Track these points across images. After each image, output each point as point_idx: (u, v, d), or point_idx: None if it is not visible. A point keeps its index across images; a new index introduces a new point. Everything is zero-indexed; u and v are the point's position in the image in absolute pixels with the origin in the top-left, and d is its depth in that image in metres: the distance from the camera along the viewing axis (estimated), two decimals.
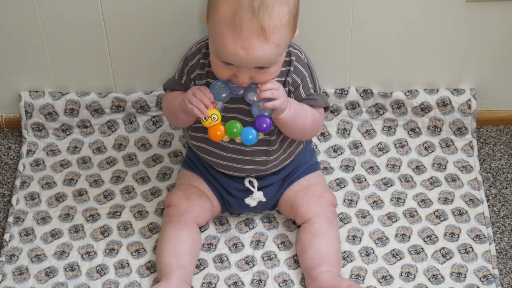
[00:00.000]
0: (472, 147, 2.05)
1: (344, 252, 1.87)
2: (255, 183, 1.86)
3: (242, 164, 1.84)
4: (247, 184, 1.87)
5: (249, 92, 1.71)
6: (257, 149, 1.82)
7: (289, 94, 1.78)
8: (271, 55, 1.65)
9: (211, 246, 1.89)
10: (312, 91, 1.81)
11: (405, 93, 2.07)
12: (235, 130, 1.71)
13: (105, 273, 1.85)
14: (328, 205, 1.87)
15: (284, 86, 1.77)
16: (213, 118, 1.70)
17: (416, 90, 2.07)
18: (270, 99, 1.69)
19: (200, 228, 1.89)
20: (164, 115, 2.07)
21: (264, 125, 1.71)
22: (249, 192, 1.87)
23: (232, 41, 1.62)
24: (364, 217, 1.93)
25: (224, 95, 1.71)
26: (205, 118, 1.70)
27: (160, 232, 1.86)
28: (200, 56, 1.79)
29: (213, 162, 1.87)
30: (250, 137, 1.71)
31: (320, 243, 1.81)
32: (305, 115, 1.78)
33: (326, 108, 1.85)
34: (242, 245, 1.89)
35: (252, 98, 1.71)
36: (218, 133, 1.71)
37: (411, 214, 1.93)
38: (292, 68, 1.78)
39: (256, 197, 1.86)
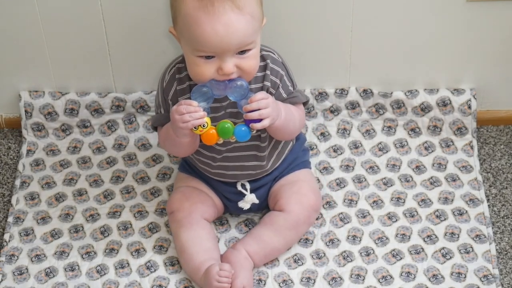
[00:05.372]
0: (472, 147, 2.05)
1: (344, 251, 1.87)
2: (248, 186, 1.87)
3: (232, 171, 1.84)
4: (239, 187, 1.86)
5: (233, 91, 1.68)
6: (247, 154, 1.82)
7: None
8: (249, 28, 1.64)
9: None
10: (291, 88, 1.81)
11: (405, 93, 2.07)
12: (227, 130, 1.69)
13: (105, 273, 1.85)
14: (307, 207, 1.85)
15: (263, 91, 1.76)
16: (203, 125, 1.68)
17: (416, 90, 2.07)
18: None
19: None
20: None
21: (255, 121, 1.68)
22: (243, 195, 1.87)
23: (208, 22, 1.61)
24: (364, 217, 1.93)
25: (207, 98, 1.68)
26: (195, 128, 1.68)
27: (176, 240, 1.84)
28: (176, 83, 1.78)
29: (203, 169, 1.87)
30: (244, 133, 1.69)
31: (267, 237, 1.82)
32: (294, 117, 1.78)
33: (305, 103, 1.85)
34: None
35: (235, 95, 1.68)
36: (213, 136, 1.69)
37: (411, 214, 1.93)
38: (268, 72, 1.77)
39: (249, 200, 1.86)
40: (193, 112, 1.66)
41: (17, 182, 2.01)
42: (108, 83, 2.08)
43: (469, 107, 2.05)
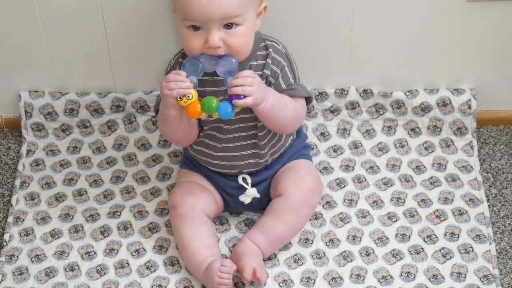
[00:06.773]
0: (472, 147, 2.05)
1: (344, 251, 1.87)
2: (249, 180, 1.87)
3: (233, 161, 1.85)
4: (240, 181, 1.87)
5: (221, 66, 1.71)
6: (247, 143, 1.83)
7: (269, 86, 1.79)
8: (234, 1, 1.66)
9: None
10: (292, 81, 1.81)
11: (405, 93, 2.07)
12: (212, 105, 1.70)
13: (105, 273, 1.85)
14: (304, 189, 1.85)
15: (262, 79, 1.77)
16: (188, 97, 1.69)
17: (416, 90, 2.07)
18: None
19: None
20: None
21: (239, 98, 1.70)
22: (243, 190, 1.87)
23: None
24: (364, 217, 1.93)
25: (197, 71, 1.71)
26: (180, 98, 1.70)
27: (177, 235, 1.85)
28: (178, 67, 1.80)
29: (204, 161, 1.87)
30: (229, 110, 1.70)
31: (268, 223, 1.83)
32: (286, 107, 1.78)
33: (309, 100, 1.85)
34: None
35: (223, 71, 1.71)
36: (197, 110, 1.70)
37: (411, 214, 1.93)
38: (269, 60, 1.78)
39: (250, 194, 1.86)
40: (179, 81, 1.69)
41: (17, 182, 2.01)
42: (108, 83, 2.08)
43: (469, 107, 2.05)
